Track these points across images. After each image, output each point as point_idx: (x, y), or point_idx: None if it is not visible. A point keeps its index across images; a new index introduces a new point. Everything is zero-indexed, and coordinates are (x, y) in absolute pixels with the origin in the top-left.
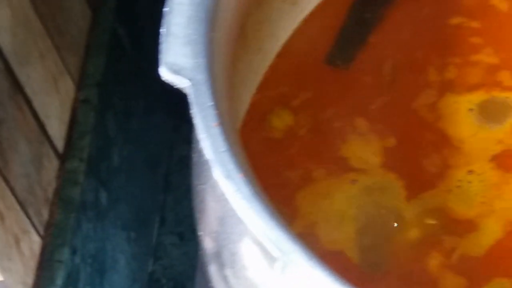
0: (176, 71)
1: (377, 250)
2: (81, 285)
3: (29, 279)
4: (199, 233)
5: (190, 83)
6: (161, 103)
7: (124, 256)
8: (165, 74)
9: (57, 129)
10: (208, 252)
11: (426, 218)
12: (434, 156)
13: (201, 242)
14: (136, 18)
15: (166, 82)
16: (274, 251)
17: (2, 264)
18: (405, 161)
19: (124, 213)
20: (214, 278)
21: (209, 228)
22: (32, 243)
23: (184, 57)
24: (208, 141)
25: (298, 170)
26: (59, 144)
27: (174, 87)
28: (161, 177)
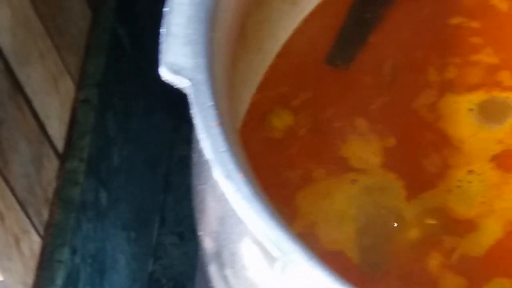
0: (176, 71)
1: (377, 250)
2: (81, 285)
3: (29, 279)
4: (199, 233)
5: (190, 83)
6: (161, 103)
7: (124, 256)
8: (165, 74)
9: (57, 129)
10: (208, 252)
11: (426, 218)
12: (434, 156)
13: (201, 242)
14: (136, 18)
15: (166, 82)
16: (274, 251)
17: (2, 264)
18: (405, 161)
19: (124, 213)
20: (214, 278)
21: (209, 228)
22: (32, 243)
23: (184, 57)
24: (208, 141)
25: (298, 170)
26: (59, 144)
27: (174, 87)
28: (161, 177)
